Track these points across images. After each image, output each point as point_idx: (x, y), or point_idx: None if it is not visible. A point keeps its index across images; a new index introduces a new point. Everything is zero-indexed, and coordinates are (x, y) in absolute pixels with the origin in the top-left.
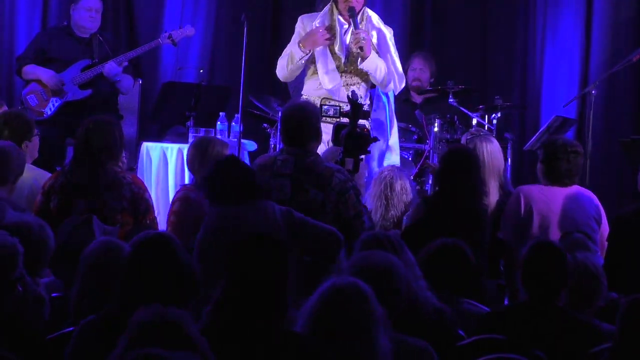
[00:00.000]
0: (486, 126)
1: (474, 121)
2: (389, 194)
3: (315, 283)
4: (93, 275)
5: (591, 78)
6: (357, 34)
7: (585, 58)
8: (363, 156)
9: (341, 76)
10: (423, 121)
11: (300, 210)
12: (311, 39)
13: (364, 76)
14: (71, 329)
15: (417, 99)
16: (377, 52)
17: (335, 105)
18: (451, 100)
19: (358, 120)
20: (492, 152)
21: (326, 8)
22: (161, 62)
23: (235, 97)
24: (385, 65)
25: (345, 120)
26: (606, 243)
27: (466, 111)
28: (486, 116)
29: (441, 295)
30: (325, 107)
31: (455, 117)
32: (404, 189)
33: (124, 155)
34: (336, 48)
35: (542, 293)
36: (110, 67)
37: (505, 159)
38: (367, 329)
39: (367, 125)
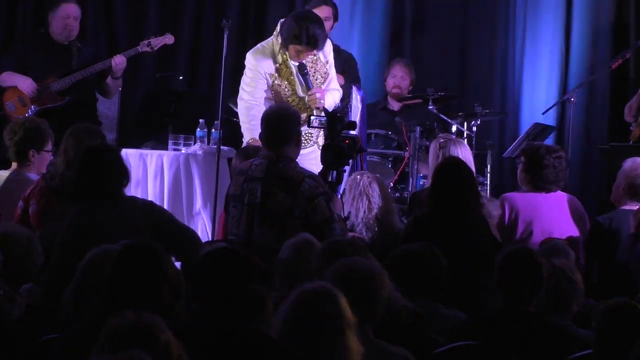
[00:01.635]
0: (465, 133)
1: (454, 128)
2: (370, 192)
3: None
4: (89, 281)
5: (570, 85)
6: (312, 94)
7: (564, 65)
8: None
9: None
10: (403, 128)
11: (269, 214)
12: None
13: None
14: (55, 335)
15: (395, 106)
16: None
17: (323, 117)
18: (431, 107)
19: (337, 132)
20: (466, 155)
21: (275, 45)
22: (141, 69)
23: (215, 104)
24: (334, 96)
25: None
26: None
27: (446, 118)
28: (465, 123)
29: (416, 301)
30: (313, 119)
31: (435, 124)
32: (382, 190)
33: None
34: (299, 90)
35: (516, 299)
36: (121, 60)
37: (485, 166)
38: (337, 332)
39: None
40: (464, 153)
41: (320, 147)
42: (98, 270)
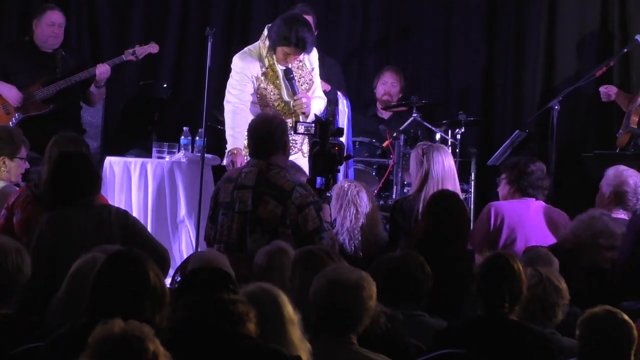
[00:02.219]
0: (450, 141)
1: (438, 136)
2: (358, 201)
3: None
4: (75, 289)
5: (554, 93)
6: (298, 99)
7: (548, 73)
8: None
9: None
10: (387, 136)
11: (260, 222)
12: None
13: None
14: (38, 344)
15: (385, 114)
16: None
17: (309, 123)
18: (415, 115)
19: (328, 138)
20: (449, 163)
21: (262, 49)
22: (125, 78)
23: (199, 112)
24: (318, 104)
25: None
26: None
27: (430, 126)
28: (450, 131)
29: (401, 310)
30: (298, 125)
31: (419, 131)
32: (369, 199)
33: None
34: (284, 95)
35: (496, 306)
36: (105, 69)
37: (469, 174)
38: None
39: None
40: (447, 160)
41: (306, 155)
42: (85, 279)
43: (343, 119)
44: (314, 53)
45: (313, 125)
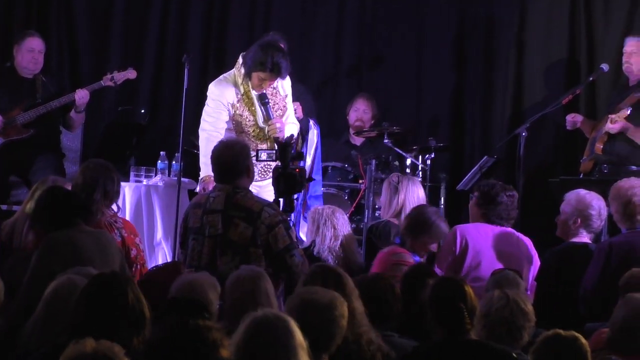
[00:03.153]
0: (420, 166)
1: (409, 161)
2: (335, 221)
3: None
4: (53, 310)
5: (522, 120)
6: (272, 124)
7: (516, 100)
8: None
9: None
10: (359, 161)
11: (232, 244)
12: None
13: None
14: None
15: (357, 140)
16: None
17: (270, 151)
18: (386, 140)
19: (288, 160)
20: (421, 192)
21: (237, 77)
22: (104, 103)
23: (176, 137)
24: (291, 130)
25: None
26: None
27: (401, 152)
28: (420, 156)
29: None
30: (260, 152)
31: (390, 157)
32: (345, 222)
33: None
34: (259, 121)
35: (457, 328)
36: (84, 94)
37: (439, 198)
38: (289, 356)
39: (303, 165)
40: (420, 191)
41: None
42: (62, 300)
43: (311, 149)
44: (287, 80)
45: (274, 152)
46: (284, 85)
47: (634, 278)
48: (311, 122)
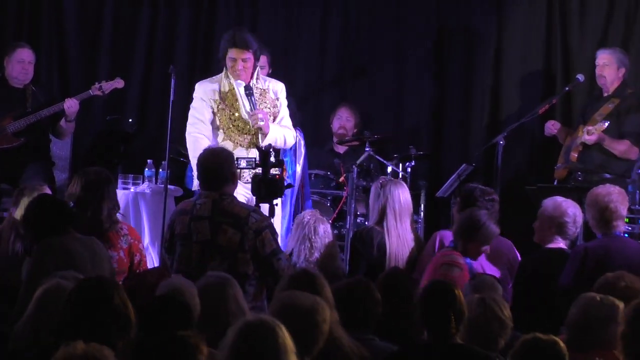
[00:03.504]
0: (400, 173)
1: (389, 169)
2: (313, 237)
3: None
4: (42, 313)
5: (500, 129)
6: (254, 114)
7: (494, 110)
8: (276, 201)
9: (248, 135)
10: (341, 169)
11: (220, 250)
12: None
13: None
14: None
15: (340, 149)
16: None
17: (250, 158)
18: (367, 149)
19: (269, 167)
20: (406, 197)
21: (223, 77)
22: (92, 113)
23: (163, 145)
24: (284, 131)
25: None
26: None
27: (382, 159)
28: (400, 164)
29: (353, 334)
30: (239, 159)
31: (372, 165)
32: (326, 233)
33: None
34: (243, 113)
35: (440, 331)
36: (73, 103)
37: (419, 205)
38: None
39: (282, 173)
40: (404, 194)
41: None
42: (50, 303)
43: (300, 158)
44: (280, 85)
45: (253, 160)
46: (276, 89)
47: (607, 284)
48: (297, 131)
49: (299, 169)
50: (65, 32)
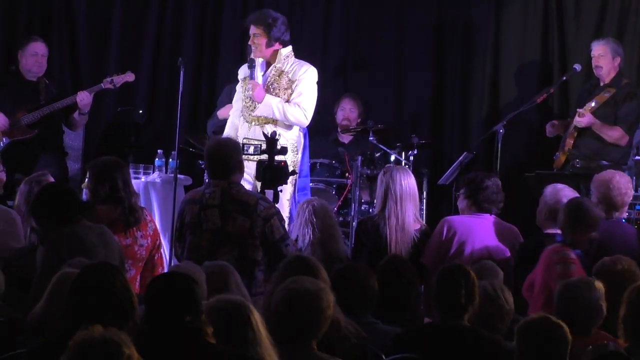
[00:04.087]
0: (403, 162)
1: (392, 157)
2: (314, 219)
3: None
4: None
5: (499, 118)
6: (248, 84)
7: (493, 99)
8: (281, 187)
9: (253, 119)
10: (345, 158)
11: (230, 237)
12: None
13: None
14: (21, 350)
15: (345, 139)
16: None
17: (256, 144)
18: (371, 138)
19: (274, 154)
20: (409, 182)
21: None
22: (104, 104)
23: (172, 136)
24: (284, 106)
25: (265, 157)
26: None
27: (385, 148)
28: (403, 153)
29: (356, 317)
30: (247, 146)
31: (375, 154)
32: (326, 214)
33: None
34: (249, 88)
35: (451, 313)
36: (85, 96)
37: (422, 192)
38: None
39: (286, 160)
40: (406, 179)
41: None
42: (60, 292)
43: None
44: (303, 68)
45: (259, 146)
46: (296, 71)
47: (604, 268)
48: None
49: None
50: (76, 27)
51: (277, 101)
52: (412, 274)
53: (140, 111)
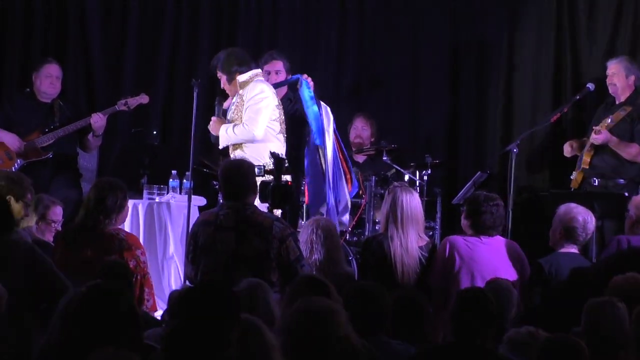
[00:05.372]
0: (417, 181)
1: (406, 177)
2: (314, 238)
3: None
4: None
5: (513, 137)
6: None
7: (507, 118)
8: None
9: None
10: (360, 178)
11: (245, 259)
12: None
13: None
14: None
15: (359, 158)
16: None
17: (259, 165)
18: (385, 157)
19: (281, 174)
20: (411, 202)
21: None
22: (118, 126)
23: (186, 157)
24: (228, 128)
25: (268, 177)
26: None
27: (399, 168)
28: (417, 172)
29: (369, 337)
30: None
31: (389, 173)
32: (329, 239)
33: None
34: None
35: (467, 333)
36: (99, 118)
37: (436, 212)
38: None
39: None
40: (411, 199)
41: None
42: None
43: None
44: (249, 86)
45: (262, 167)
46: (245, 90)
47: (617, 285)
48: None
49: (330, 144)
50: (90, 48)
51: (224, 129)
52: (425, 304)
53: (155, 132)
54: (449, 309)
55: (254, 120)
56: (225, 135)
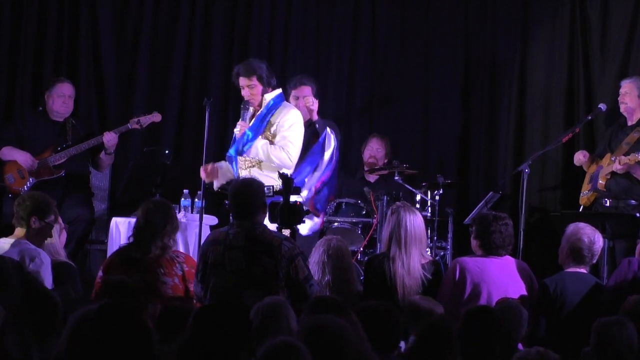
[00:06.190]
0: (429, 201)
1: (418, 197)
2: (325, 259)
3: None
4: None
5: (525, 157)
6: (238, 125)
7: (518, 139)
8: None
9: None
10: (371, 197)
11: (255, 278)
12: None
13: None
14: None
15: (371, 178)
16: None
17: (268, 186)
18: (397, 177)
19: (290, 194)
20: (415, 222)
21: None
22: (130, 144)
23: (198, 175)
24: (269, 148)
25: (277, 198)
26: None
27: (411, 188)
28: (429, 192)
29: (383, 357)
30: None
31: (401, 193)
32: (340, 260)
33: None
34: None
35: (474, 354)
36: (112, 137)
37: (447, 231)
38: None
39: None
40: (414, 219)
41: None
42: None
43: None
44: (285, 113)
45: (272, 187)
46: (281, 115)
47: (630, 306)
48: (328, 130)
49: (327, 155)
50: (103, 67)
51: (262, 143)
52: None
53: (167, 151)
54: (457, 329)
55: (295, 150)
56: (259, 148)
